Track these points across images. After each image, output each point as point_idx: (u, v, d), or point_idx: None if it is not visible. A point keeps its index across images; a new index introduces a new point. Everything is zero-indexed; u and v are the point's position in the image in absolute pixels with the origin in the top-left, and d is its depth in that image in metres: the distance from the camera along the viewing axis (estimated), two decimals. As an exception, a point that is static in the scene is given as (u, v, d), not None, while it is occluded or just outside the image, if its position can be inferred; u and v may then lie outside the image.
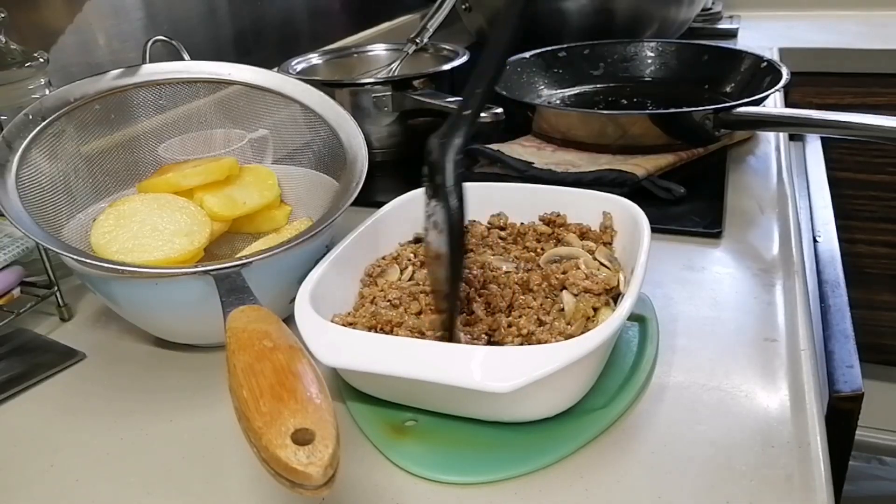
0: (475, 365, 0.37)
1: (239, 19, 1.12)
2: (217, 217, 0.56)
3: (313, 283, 0.45)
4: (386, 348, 0.40)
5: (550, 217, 0.56)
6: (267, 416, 0.30)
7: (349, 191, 0.53)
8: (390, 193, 0.58)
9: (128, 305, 0.50)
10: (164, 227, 0.52)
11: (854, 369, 0.59)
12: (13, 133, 0.52)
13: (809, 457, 0.40)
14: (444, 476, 0.40)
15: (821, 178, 0.96)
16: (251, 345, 0.34)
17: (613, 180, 0.70)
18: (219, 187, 0.57)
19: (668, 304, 0.54)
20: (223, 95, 0.64)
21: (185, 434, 0.45)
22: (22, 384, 0.50)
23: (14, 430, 0.47)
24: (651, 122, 0.77)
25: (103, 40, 0.88)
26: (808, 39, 1.41)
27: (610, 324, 0.39)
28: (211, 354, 0.53)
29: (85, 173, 0.58)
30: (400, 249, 0.54)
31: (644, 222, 0.49)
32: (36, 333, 0.57)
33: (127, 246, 0.50)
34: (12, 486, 0.42)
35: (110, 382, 0.51)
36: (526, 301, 0.47)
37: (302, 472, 0.28)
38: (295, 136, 0.64)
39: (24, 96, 0.61)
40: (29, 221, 0.48)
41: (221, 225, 0.56)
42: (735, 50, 0.98)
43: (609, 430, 0.43)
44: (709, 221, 0.66)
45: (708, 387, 0.46)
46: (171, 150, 0.64)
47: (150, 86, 0.61)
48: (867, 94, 1.30)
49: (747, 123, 0.77)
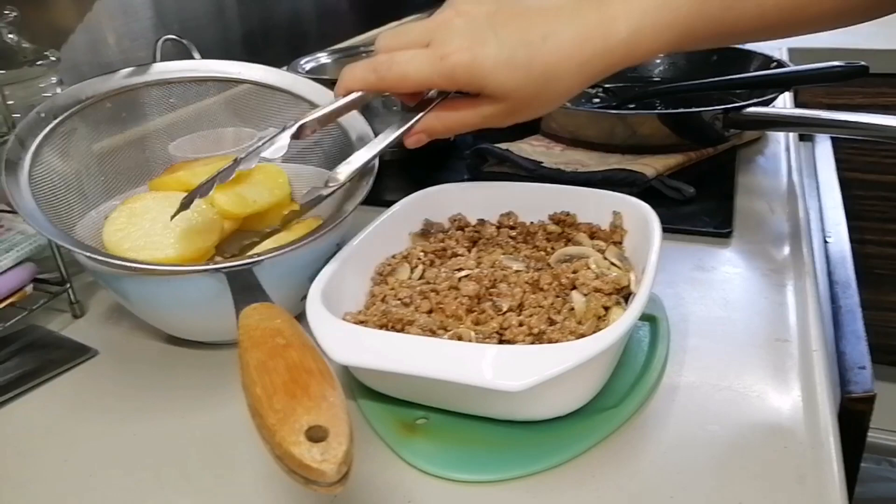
0: (487, 364, 0.37)
1: (247, 19, 1.13)
2: (228, 215, 0.56)
3: (325, 281, 0.45)
4: (397, 346, 0.40)
5: (560, 216, 0.56)
6: (280, 413, 0.30)
7: (359, 189, 0.53)
8: (398, 192, 0.58)
9: (139, 302, 0.51)
10: (175, 225, 0.52)
11: (866, 370, 0.58)
12: (26, 131, 0.52)
13: (823, 458, 0.40)
14: (455, 474, 0.40)
15: (831, 178, 0.95)
16: (264, 342, 0.34)
17: (623, 180, 0.70)
18: (229, 185, 0.57)
19: (678, 304, 0.54)
20: (233, 94, 0.65)
21: (198, 431, 0.45)
22: (35, 380, 0.51)
23: (27, 425, 0.47)
24: (660, 122, 0.77)
25: (113, 39, 0.89)
26: (818, 39, 1.40)
27: (622, 323, 0.39)
28: (222, 352, 0.53)
29: (96, 171, 0.58)
30: (410, 248, 0.54)
31: (655, 221, 0.49)
32: (48, 330, 0.57)
33: (139, 244, 0.51)
34: (26, 481, 0.42)
35: (122, 379, 0.51)
36: (536, 300, 0.47)
37: (316, 469, 0.28)
38: (305, 140, 0.64)
39: (36, 94, 0.61)
40: (42, 219, 0.48)
41: (232, 223, 0.56)
42: (745, 50, 0.97)
43: (620, 430, 0.43)
44: (719, 221, 0.66)
45: (719, 387, 0.46)
46: (181, 148, 0.64)
47: (160, 84, 0.61)
48: (877, 94, 1.30)
49: (757, 123, 0.76)
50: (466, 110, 0.47)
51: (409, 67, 0.45)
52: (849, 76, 0.78)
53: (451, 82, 0.45)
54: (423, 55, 0.45)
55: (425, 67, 0.44)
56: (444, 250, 0.53)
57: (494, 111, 0.46)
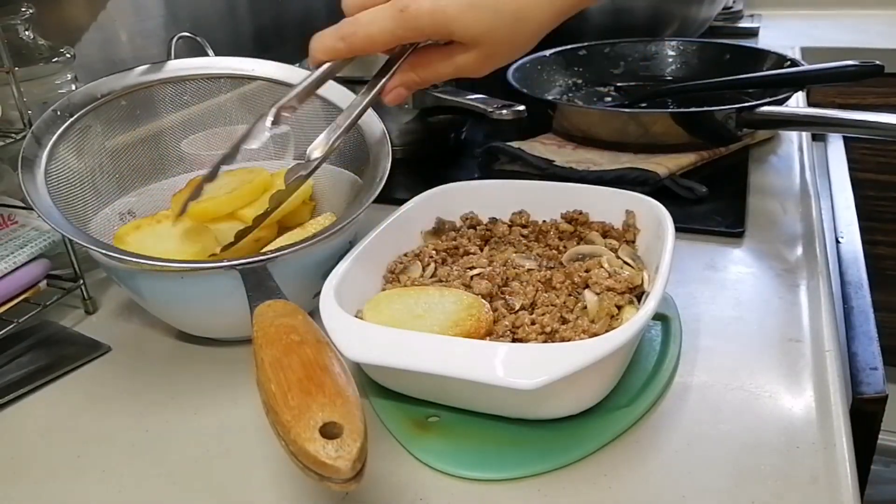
0: (499, 361, 0.37)
1: (259, 16, 1.13)
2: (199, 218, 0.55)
3: (338, 279, 0.45)
4: (410, 344, 0.40)
5: (573, 215, 0.56)
6: (295, 409, 0.30)
7: (372, 187, 0.53)
8: (410, 190, 0.58)
9: (153, 299, 0.51)
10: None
11: (878, 371, 0.58)
12: (42, 129, 0.53)
13: (835, 458, 0.39)
14: (467, 472, 0.40)
15: (843, 178, 0.95)
16: (279, 339, 0.34)
17: (635, 179, 0.70)
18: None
19: (690, 304, 0.54)
20: (246, 91, 0.65)
21: (211, 427, 0.46)
22: (48, 376, 0.51)
23: (40, 421, 0.48)
24: (673, 121, 0.77)
25: (126, 37, 0.89)
26: (830, 38, 1.40)
27: (635, 322, 0.39)
28: (234, 349, 0.53)
29: (110, 168, 0.59)
30: (422, 246, 0.54)
31: (668, 220, 0.49)
32: (61, 326, 0.58)
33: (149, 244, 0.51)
34: (39, 477, 0.43)
35: (135, 375, 0.52)
36: (549, 299, 0.47)
37: (331, 465, 0.28)
38: (317, 131, 0.64)
39: (51, 91, 0.62)
40: (58, 216, 0.48)
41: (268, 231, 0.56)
42: (758, 49, 0.97)
43: (632, 429, 0.43)
44: (731, 221, 0.66)
45: (731, 387, 0.46)
46: (194, 145, 0.64)
47: (174, 82, 0.62)
48: (890, 94, 1.29)
49: (770, 123, 0.76)
50: (441, 60, 0.46)
51: (374, 28, 0.44)
52: (863, 75, 0.77)
53: (417, 33, 0.44)
54: (384, 12, 0.43)
55: (388, 24, 0.43)
56: (456, 248, 0.54)
57: (468, 58, 0.45)
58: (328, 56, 0.46)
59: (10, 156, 0.59)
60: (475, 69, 0.46)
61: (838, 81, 0.81)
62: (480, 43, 0.44)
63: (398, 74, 0.47)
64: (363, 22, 0.44)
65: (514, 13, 0.44)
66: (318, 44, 0.46)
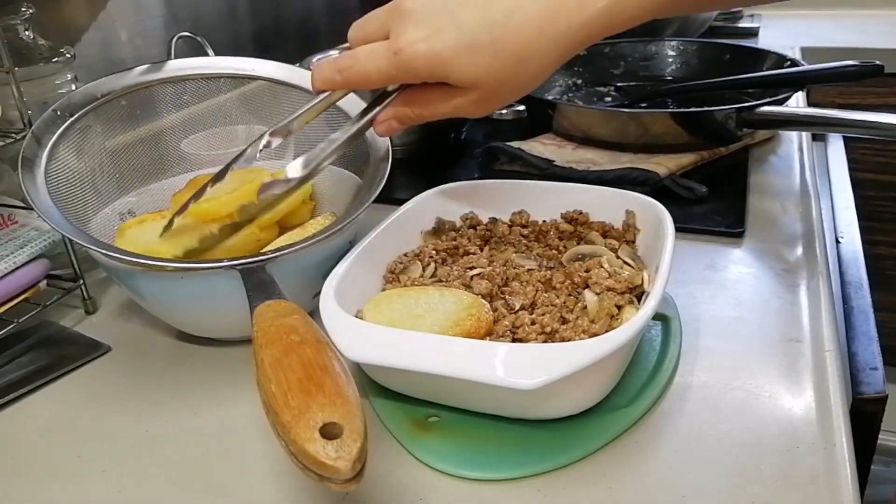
0: (499, 361, 0.37)
1: (259, 16, 1.13)
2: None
3: (338, 279, 0.45)
4: (410, 344, 0.40)
5: (573, 215, 0.56)
6: (295, 409, 0.30)
7: (373, 187, 0.53)
8: (410, 191, 0.58)
9: (153, 299, 0.51)
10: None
11: (878, 371, 0.58)
12: (42, 129, 0.53)
13: (835, 458, 0.39)
14: (467, 472, 0.40)
15: (843, 178, 0.95)
16: (279, 339, 0.34)
17: (635, 179, 0.70)
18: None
19: (690, 304, 0.54)
20: (246, 91, 0.65)
21: (211, 427, 0.46)
22: (48, 376, 0.51)
23: (40, 421, 0.48)
24: (673, 121, 0.77)
25: (126, 37, 0.89)
26: (830, 38, 1.40)
27: (635, 322, 0.39)
28: (234, 348, 0.53)
29: (110, 168, 0.59)
30: (422, 246, 0.54)
31: (668, 220, 0.49)
32: (61, 326, 0.58)
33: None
34: (39, 477, 0.43)
35: (135, 375, 0.52)
36: (549, 299, 0.47)
37: (331, 465, 0.28)
38: (318, 132, 0.64)
39: (51, 91, 0.62)
40: (58, 216, 0.48)
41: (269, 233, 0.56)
42: (758, 49, 0.97)
43: (632, 429, 0.43)
44: (731, 221, 0.66)
45: (731, 387, 0.46)
46: (194, 145, 0.64)
47: (174, 81, 0.62)
48: (890, 94, 1.29)
49: (770, 123, 0.76)
50: (438, 101, 0.45)
51: (369, 66, 0.43)
52: (863, 75, 0.78)
53: (412, 76, 0.43)
54: (381, 50, 0.43)
55: (383, 64, 0.42)
56: (456, 248, 0.54)
57: (467, 101, 0.44)
58: (325, 86, 0.46)
59: (10, 156, 0.59)
60: (473, 111, 0.45)
61: (838, 81, 0.81)
62: (478, 86, 0.43)
63: (392, 107, 0.46)
64: (360, 58, 0.44)
65: (515, 55, 0.42)
66: (318, 73, 0.46)
